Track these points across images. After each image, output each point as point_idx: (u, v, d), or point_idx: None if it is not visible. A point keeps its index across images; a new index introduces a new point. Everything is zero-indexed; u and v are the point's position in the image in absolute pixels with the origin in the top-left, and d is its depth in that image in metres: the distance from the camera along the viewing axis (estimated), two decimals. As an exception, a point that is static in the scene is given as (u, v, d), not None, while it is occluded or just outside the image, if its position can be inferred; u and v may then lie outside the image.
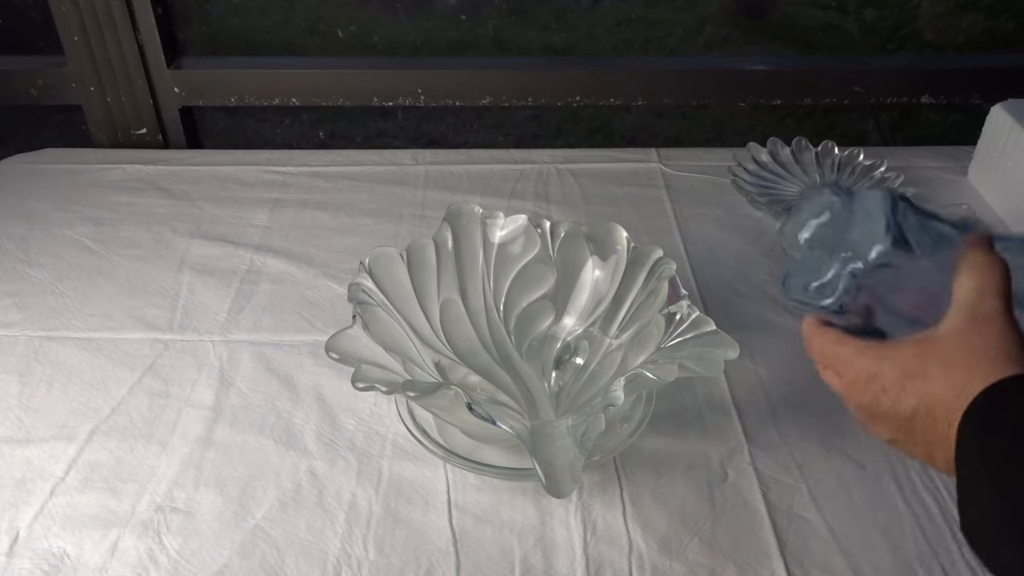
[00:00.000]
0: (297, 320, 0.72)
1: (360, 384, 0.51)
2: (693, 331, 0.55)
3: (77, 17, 0.93)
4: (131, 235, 0.83)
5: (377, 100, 1.01)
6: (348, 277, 0.63)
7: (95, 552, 0.52)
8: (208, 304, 0.74)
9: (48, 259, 0.79)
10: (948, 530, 0.54)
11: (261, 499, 0.56)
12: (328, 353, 0.54)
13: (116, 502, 0.55)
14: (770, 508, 0.55)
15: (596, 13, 0.99)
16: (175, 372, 0.66)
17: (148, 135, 1.02)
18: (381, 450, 0.59)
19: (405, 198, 0.90)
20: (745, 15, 1.00)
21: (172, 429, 0.61)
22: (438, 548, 0.53)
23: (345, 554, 0.52)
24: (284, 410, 0.63)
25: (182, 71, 0.99)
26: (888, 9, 0.98)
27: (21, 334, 0.70)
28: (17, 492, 0.56)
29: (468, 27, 0.99)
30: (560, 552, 0.52)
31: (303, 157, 0.98)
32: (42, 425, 0.61)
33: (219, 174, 0.94)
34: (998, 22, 0.99)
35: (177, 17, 0.98)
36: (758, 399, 0.64)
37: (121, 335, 0.70)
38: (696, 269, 0.78)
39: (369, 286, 0.60)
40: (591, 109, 1.05)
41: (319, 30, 0.99)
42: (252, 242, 0.82)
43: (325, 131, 1.08)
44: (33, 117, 1.04)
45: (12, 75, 0.98)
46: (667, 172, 0.96)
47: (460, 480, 0.57)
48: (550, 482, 0.48)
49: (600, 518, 0.54)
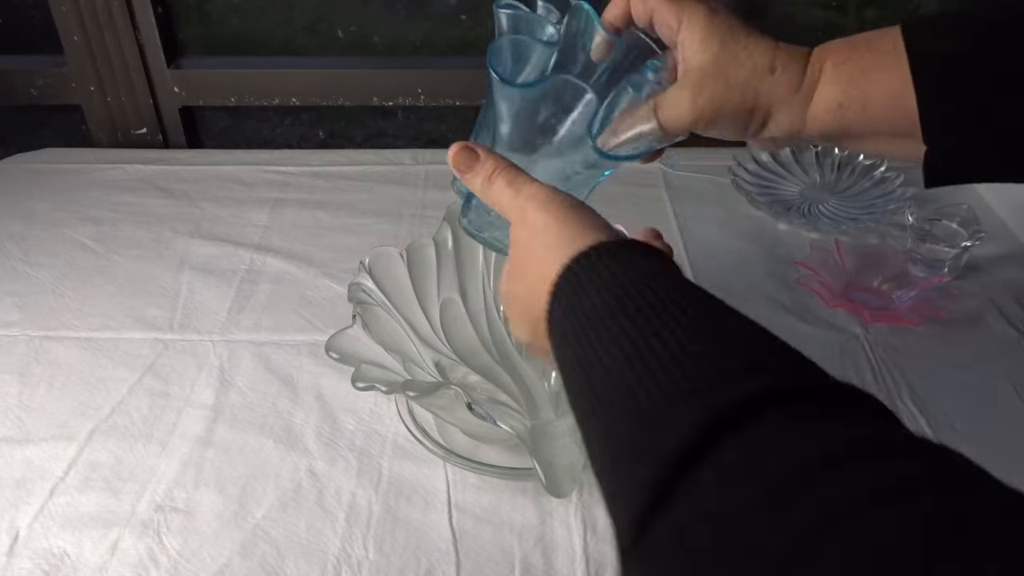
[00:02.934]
0: (297, 320, 0.72)
1: (360, 384, 0.51)
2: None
3: (77, 17, 0.93)
4: (131, 235, 0.83)
5: (377, 100, 1.01)
6: (348, 277, 0.63)
7: (95, 552, 0.52)
8: (208, 304, 0.74)
9: (48, 259, 0.79)
10: (948, 530, 0.54)
11: (261, 499, 0.56)
12: (328, 353, 0.54)
13: (116, 502, 0.55)
14: (770, 508, 0.55)
15: (596, 13, 0.99)
16: (175, 372, 0.66)
17: (148, 135, 1.02)
18: (381, 450, 0.59)
19: (405, 198, 0.90)
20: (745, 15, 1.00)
21: (172, 429, 0.61)
22: (438, 548, 0.53)
23: (345, 554, 0.52)
24: (284, 410, 0.63)
25: (182, 71, 0.99)
26: (888, 9, 0.98)
27: (21, 334, 0.70)
28: (17, 492, 0.56)
29: (468, 27, 0.99)
30: (560, 552, 0.52)
31: (303, 157, 0.98)
32: (42, 425, 0.61)
33: (219, 174, 0.94)
34: (998, 22, 0.99)
35: (177, 17, 0.98)
36: (758, 399, 0.64)
37: (121, 335, 0.70)
38: (696, 269, 0.78)
39: (369, 286, 0.60)
40: (591, 109, 1.05)
41: (319, 30, 0.99)
42: (252, 242, 0.82)
43: (325, 131, 1.08)
44: (33, 117, 1.04)
45: (12, 75, 0.98)
46: (667, 172, 0.96)
47: (460, 480, 0.57)
48: (550, 482, 0.48)
49: (600, 518, 0.54)
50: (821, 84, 0.38)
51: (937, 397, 0.64)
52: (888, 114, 0.36)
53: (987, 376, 0.66)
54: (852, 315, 0.72)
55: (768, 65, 0.38)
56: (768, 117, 0.39)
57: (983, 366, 0.67)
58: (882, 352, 0.69)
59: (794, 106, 0.38)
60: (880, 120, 0.37)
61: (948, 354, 0.69)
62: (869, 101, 0.37)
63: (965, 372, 0.67)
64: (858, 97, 0.37)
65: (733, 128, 0.40)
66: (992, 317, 0.72)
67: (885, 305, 0.73)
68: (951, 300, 0.72)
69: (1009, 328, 0.71)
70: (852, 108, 0.37)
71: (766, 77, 0.38)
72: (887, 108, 0.36)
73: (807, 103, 0.38)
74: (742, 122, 0.40)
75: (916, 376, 0.66)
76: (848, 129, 0.38)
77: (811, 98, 0.38)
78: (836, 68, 0.38)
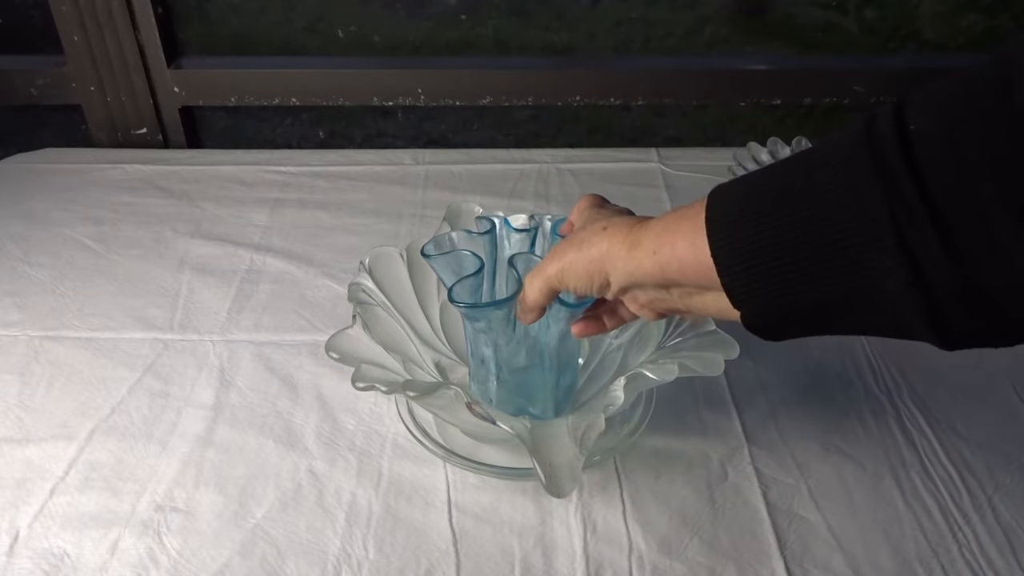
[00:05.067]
0: (297, 320, 0.72)
1: (360, 384, 0.51)
2: (693, 331, 0.55)
3: (77, 17, 0.93)
4: (131, 235, 0.83)
5: (377, 100, 1.01)
6: (348, 277, 0.63)
7: (95, 552, 0.52)
8: (208, 304, 0.74)
9: (48, 259, 0.79)
10: (948, 530, 0.54)
11: (261, 499, 0.56)
12: (328, 353, 0.54)
13: (116, 502, 0.55)
14: (770, 508, 0.55)
15: (596, 13, 0.99)
16: (175, 372, 0.66)
17: (148, 135, 1.02)
18: (381, 450, 0.59)
19: (405, 198, 0.90)
20: (745, 14, 1.00)
21: (172, 429, 0.61)
22: (438, 548, 0.53)
23: (345, 554, 0.52)
24: (284, 410, 0.63)
25: (182, 71, 0.99)
26: (888, 8, 0.98)
27: (21, 334, 0.70)
28: (17, 492, 0.56)
29: (468, 27, 0.99)
30: (560, 552, 0.52)
31: (303, 157, 0.98)
32: (42, 425, 0.61)
33: (219, 174, 0.94)
34: (998, 22, 0.99)
35: (177, 17, 0.98)
36: (758, 399, 0.64)
37: (121, 335, 0.70)
38: (696, 269, 0.78)
39: (369, 286, 0.60)
40: (591, 109, 1.05)
41: (319, 30, 0.99)
42: (252, 242, 0.82)
43: (325, 131, 1.08)
44: (33, 117, 1.04)
45: (12, 75, 0.98)
46: (667, 172, 0.96)
47: (460, 480, 0.57)
48: (550, 482, 0.48)
49: (600, 518, 0.54)
50: (643, 237, 0.41)
51: (937, 397, 0.64)
52: (694, 268, 0.38)
53: (987, 376, 0.66)
54: (852, 315, 0.72)
55: (601, 227, 0.44)
56: (607, 272, 0.43)
57: (983, 366, 0.67)
58: (882, 352, 0.69)
59: (622, 258, 0.42)
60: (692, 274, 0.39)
61: (948, 354, 0.68)
62: (677, 250, 0.39)
63: (965, 372, 0.67)
64: (668, 243, 0.40)
65: (579, 281, 0.45)
66: (992, 317, 0.72)
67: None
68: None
69: (1009, 328, 0.71)
70: (664, 254, 0.40)
71: (597, 235, 0.44)
72: (692, 263, 0.38)
73: (632, 252, 0.42)
74: (584, 275, 0.45)
75: (916, 376, 0.66)
76: (667, 276, 0.40)
77: (635, 248, 0.41)
78: (658, 223, 0.41)
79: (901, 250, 0.31)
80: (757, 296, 0.37)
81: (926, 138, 0.31)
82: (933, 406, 0.63)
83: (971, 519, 0.55)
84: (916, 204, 0.30)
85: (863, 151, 0.32)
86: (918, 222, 0.30)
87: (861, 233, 0.32)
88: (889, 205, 0.31)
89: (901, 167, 0.31)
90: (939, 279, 0.31)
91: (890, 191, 0.31)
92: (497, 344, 0.54)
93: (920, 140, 0.31)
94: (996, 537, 0.53)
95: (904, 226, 0.30)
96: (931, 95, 0.32)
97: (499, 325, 0.53)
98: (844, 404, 0.64)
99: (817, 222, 0.33)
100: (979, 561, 0.52)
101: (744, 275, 0.36)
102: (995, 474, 0.58)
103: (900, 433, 0.61)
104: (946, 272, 0.30)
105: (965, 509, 0.55)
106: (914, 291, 0.31)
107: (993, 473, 0.58)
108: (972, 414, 0.63)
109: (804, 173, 0.35)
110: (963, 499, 0.56)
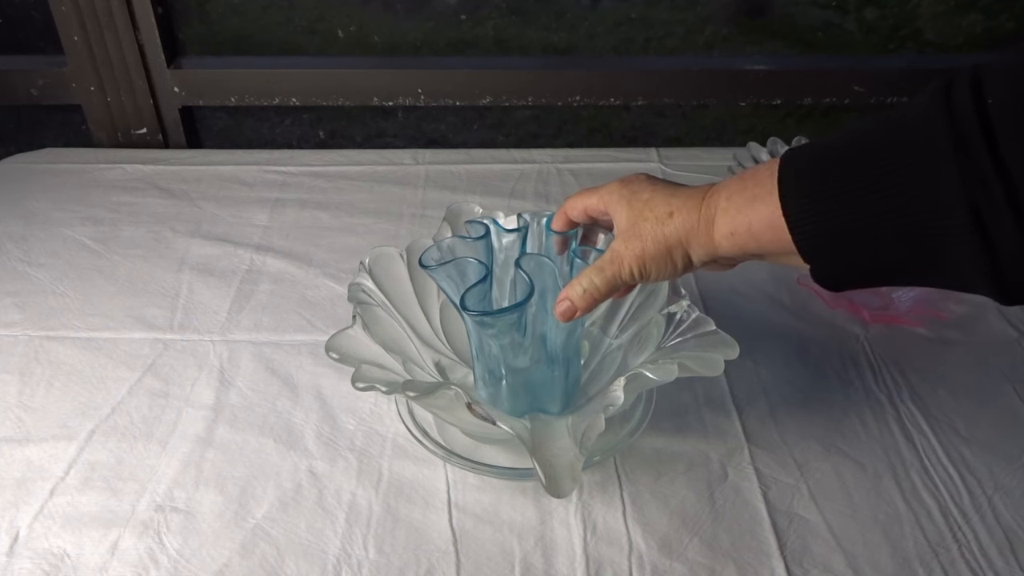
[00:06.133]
0: (297, 320, 0.72)
1: (360, 384, 0.51)
2: (693, 331, 0.55)
3: (77, 17, 0.93)
4: (131, 235, 0.83)
5: (377, 100, 1.01)
6: (348, 277, 0.64)
7: (95, 552, 0.52)
8: (208, 304, 0.74)
9: (48, 259, 0.79)
10: (948, 530, 0.54)
11: (261, 499, 0.56)
12: (328, 353, 0.54)
13: (116, 502, 0.55)
14: (770, 508, 0.55)
15: (596, 13, 0.99)
16: (175, 372, 0.66)
17: (148, 135, 1.02)
18: (381, 450, 0.59)
19: (405, 198, 0.90)
20: (745, 14, 1.00)
21: (172, 429, 0.61)
22: (438, 548, 0.53)
23: (345, 554, 0.52)
24: (284, 410, 0.63)
25: (182, 71, 0.99)
26: (888, 8, 0.98)
27: (21, 334, 0.70)
28: (17, 492, 0.56)
29: (468, 27, 0.99)
30: (560, 552, 0.52)
31: (303, 157, 0.98)
32: (42, 425, 0.61)
33: (219, 174, 0.94)
34: (998, 22, 0.99)
35: (177, 17, 0.98)
36: (758, 399, 0.64)
37: (121, 335, 0.70)
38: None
39: (369, 286, 0.60)
40: (591, 109, 1.05)
41: (319, 30, 0.99)
42: (252, 242, 0.82)
43: (325, 131, 1.08)
44: (33, 117, 1.04)
45: (12, 75, 0.98)
46: (667, 172, 0.96)
47: (460, 480, 0.57)
48: (550, 482, 0.48)
49: (600, 518, 0.55)
50: (717, 216, 0.44)
51: (937, 397, 0.64)
52: (771, 238, 0.41)
53: (987, 376, 0.66)
54: (852, 315, 0.72)
55: (667, 212, 0.45)
56: (687, 252, 0.45)
57: (983, 366, 0.67)
58: (882, 352, 0.69)
59: (701, 239, 0.44)
60: (769, 244, 0.41)
61: (948, 354, 0.69)
62: (753, 228, 0.42)
63: (965, 372, 0.67)
64: (744, 224, 0.42)
65: (663, 268, 0.47)
66: (992, 317, 0.72)
67: (885, 305, 0.73)
68: (951, 300, 0.72)
69: (1009, 328, 0.71)
70: (741, 235, 0.42)
71: (667, 222, 0.45)
72: (769, 234, 0.41)
73: (710, 234, 0.44)
74: (666, 261, 0.46)
75: (916, 376, 0.66)
76: (747, 252, 0.43)
77: (712, 229, 0.44)
78: (728, 200, 0.43)
79: (973, 220, 0.33)
80: (830, 259, 0.39)
81: (1004, 113, 0.32)
82: (933, 406, 0.63)
83: (971, 519, 0.55)
84: (992, 179, 0.32)
85: (942, 127, 0.34)
86: (993, 197, 0.32)
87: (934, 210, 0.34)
88: (964, 181, 0.33)
89: (980, 145, 0.32)
90: (1008, 248, 0.33)
91: (966, 169, 0.33)
92: (504, 346, 0.54)
93: (998, 115, 0.33)
94: (996, 537, 0.53)
95: (981, 202, 0.33)
96: (1008, 66, 0.34)
97: (510, 329, 0.53)
98: (844, 404, 0.64)
99: (895, 208, 0.35)
100: (979, 561, 0.52)
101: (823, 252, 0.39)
102: (995, 474, 0.58)
103: (900, 433, 0.61)
104: (1016, 243, 0.32)
105: (965, 509, 0.55)
106: (983, 255, 0.33)
107: (993, 473, 0.58)
108: (972, 414, 0.63)
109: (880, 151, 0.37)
110: (963, 499, 0.56)
